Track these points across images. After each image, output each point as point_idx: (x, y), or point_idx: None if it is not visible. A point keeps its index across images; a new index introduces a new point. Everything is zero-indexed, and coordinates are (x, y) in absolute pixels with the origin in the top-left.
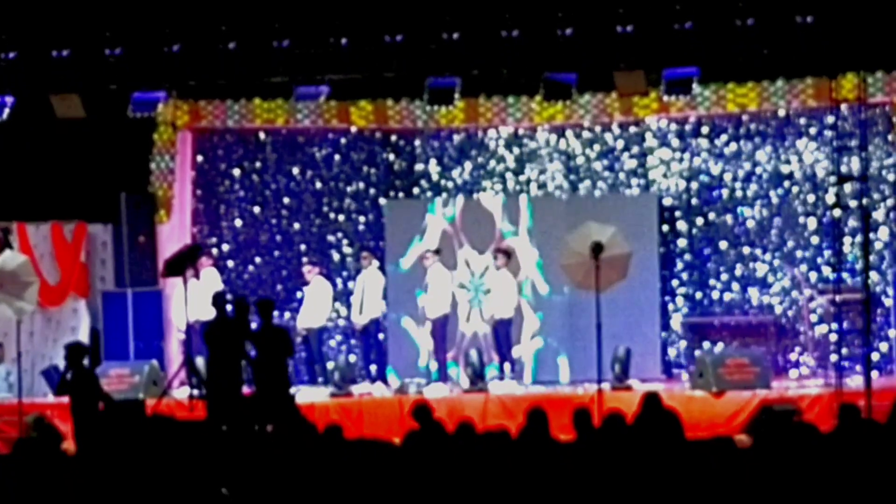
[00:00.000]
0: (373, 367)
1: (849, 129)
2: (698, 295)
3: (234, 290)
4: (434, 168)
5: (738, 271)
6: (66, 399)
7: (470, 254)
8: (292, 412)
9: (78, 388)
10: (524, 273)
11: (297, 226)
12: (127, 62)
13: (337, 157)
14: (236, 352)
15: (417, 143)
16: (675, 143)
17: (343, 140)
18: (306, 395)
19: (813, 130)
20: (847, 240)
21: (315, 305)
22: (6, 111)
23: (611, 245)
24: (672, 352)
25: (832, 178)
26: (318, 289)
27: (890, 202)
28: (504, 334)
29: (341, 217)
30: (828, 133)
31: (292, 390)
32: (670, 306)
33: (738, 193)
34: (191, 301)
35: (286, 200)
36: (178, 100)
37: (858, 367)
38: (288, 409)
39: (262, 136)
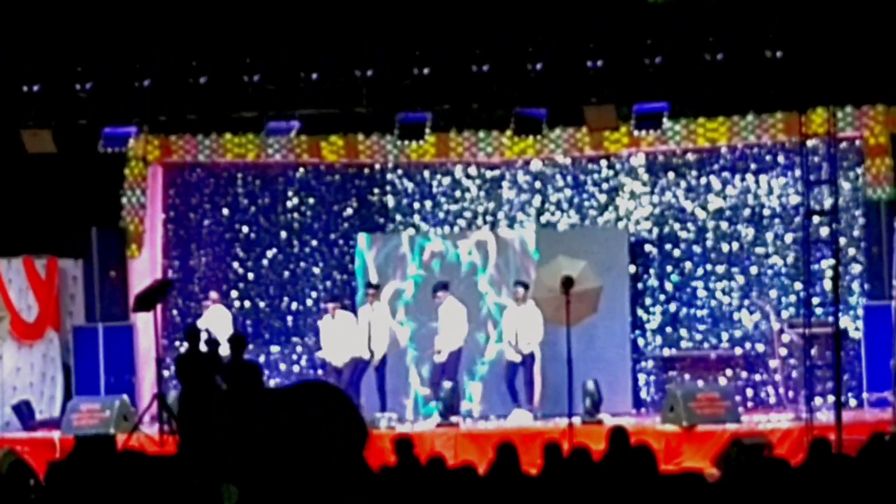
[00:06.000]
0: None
1: (819, 163)
2: (669, 329)
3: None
4: (405, 202)
5: (709, 305)
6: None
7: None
8: None
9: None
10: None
11: (267, 260)
12: (98, 97)
13: (307, 191)
14: (208, 385)
15: (389, 177)
16: (646, 177)
17: (314, 175)
18: None
19: (783, 164)
20: (817, 274)
21: (452, 327)
22: None
23: (581, 279)
24: (643, 386)
25: (802, 213)
26: (451, 311)
27: (859, 235)
28: (530, 367)
29: (312, 251)
30: (798, 168)
31: None
32: (641, 340)
33: (708, 227)
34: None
35: (256, 235)
36: (148, 135)
37: (829, 401)
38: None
39: (233, 170)
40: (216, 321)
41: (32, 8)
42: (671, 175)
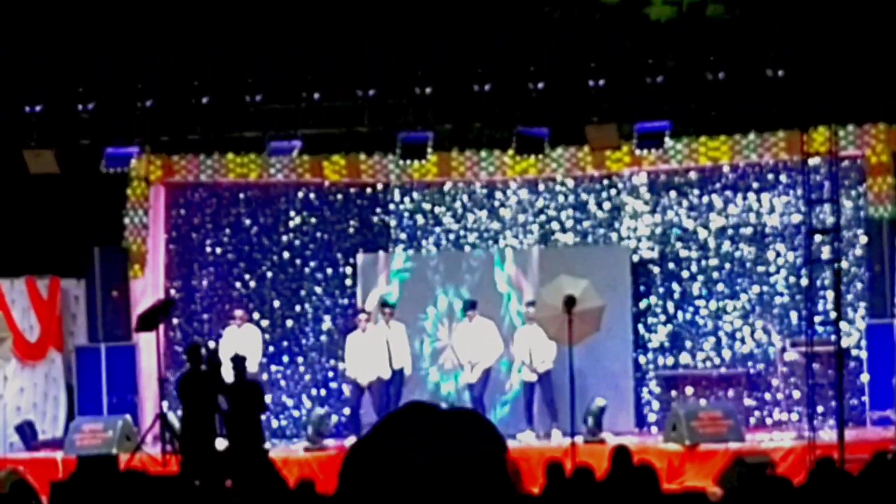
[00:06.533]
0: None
1: (820, 181)
2: (671, 348)
3: (209, 345)
4: (407, 222)
5: (711, 324)
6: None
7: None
8: (265, 466)
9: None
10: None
11: (270, 280)
12: (100, 117)
13: (310, 211)
14: (210, 405)
15: (390, 196)
16: (648, 196)
17: (316, 194)
18: (280, 449)
19: (785, 183)
20: (819, 292)
21: (486, 344)
22: None
23: (584, 298)
24: (646, 405)
25: (804, 231)
26: (482, 330)
27: (861, 254)
28: (547, 385)
29: (314, 270)
30: (799, 186)
31: (266, 445)
32: (643, 359)
33: (710, 246)
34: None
35: (259, 255)
36: (151, 155)
37: (831, 420)
38: (261, 463)
39: (235, 190)
40: (245, 340)
41: (34, 28)
42: (673, 194)
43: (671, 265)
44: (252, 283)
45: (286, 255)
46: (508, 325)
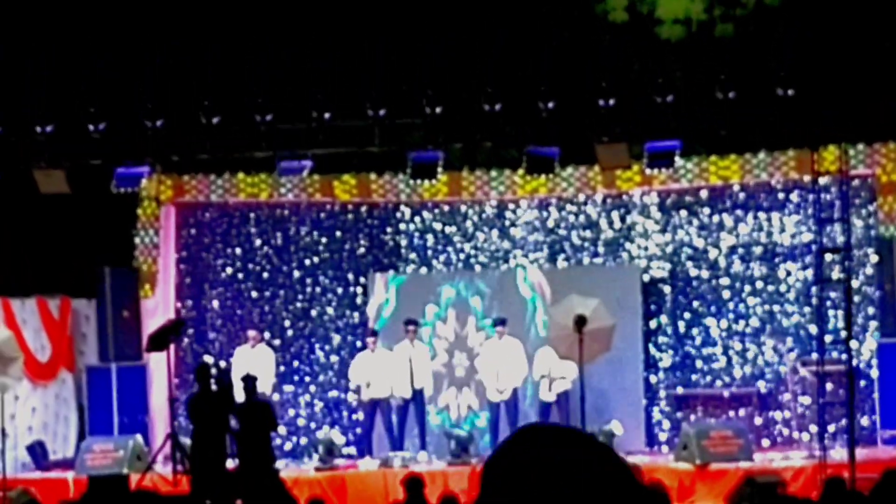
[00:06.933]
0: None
1: (831, 200)
2: (681, 367)
3: (219, 365)
4: (417, 241)
5: (721, 343)
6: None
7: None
8: (276, 486)
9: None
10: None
11: (280, 300)
12: (110, 137)
13: (320, 231)
14: (220, 425)
15: (401, 216)
16: (658, 215)
17: (326, 214)
18: (291, 469)
19: (795, 202)
20: (830, 311)
21: (514, 364)
22: None
23: (594, 317)
24: (656, 424)
25: (815, 250)
26: (511, 348)
27: (872, 273)
28: (565, 406)
29: (325, 290)
30: (810, 205)
31: (276, 464)
32: (653, 378)
33: (721, 265)
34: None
35: (270, 274)
36: (161, 174)
37: (842, 439)
38: (272, 483)
39: (245, 210)
40: (258, 360)
41: (45, 49)
42: (683, 213)
43: (681, 284)
44: (263, 303)
45: (297, 274)
46: (534, 337)
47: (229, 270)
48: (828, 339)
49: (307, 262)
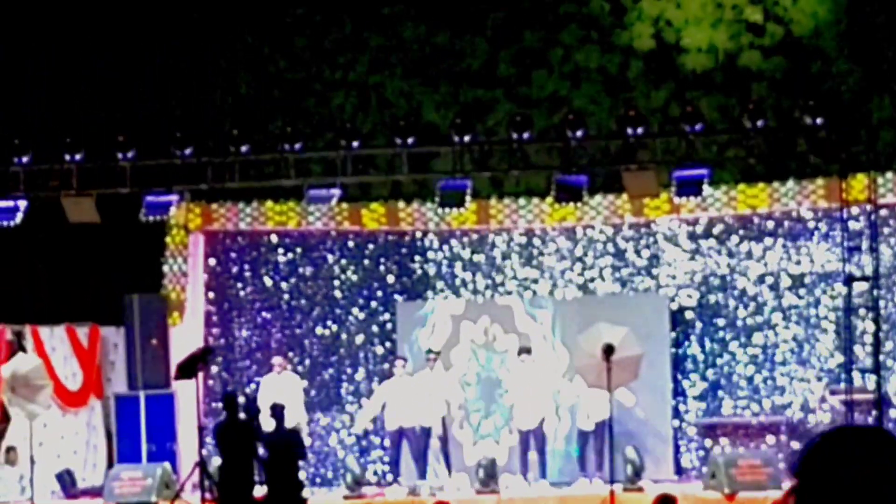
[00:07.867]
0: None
1: (859, 229)
2: (710, 396)
3: (246, 393)
4: (446, 270)
5: (750, 371)
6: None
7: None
8: None
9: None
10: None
11: (308, 328)
12: (139, 166)
13: (349, 259)
14: (248, 454)
15: (429, 244)
16: (686, 244)
17: (355, 242)
18: (319, 497)
19: (823, 231)
20: (858, 339)
21: (540, 393)
22: (19, 215)
23: (622, 346)
24: (684, 453)
25: (843, 279)
26: (536, 377)
27: None
28: (601, 434)
29: (353, 319)
30: (838, 234)
31: (304, 493)
32: (682, 407)
33: (749, 293)
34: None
35: (298, 303)
36: (190, 203)
37: None
38: None
39: (274, 238)
40: (285, 387)
41: (76, 78)
42: (712, 241)
43: (709, 313)
44: (291, 331)
45: (325, 302)
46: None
47: (258, 298)
48: (856, 367)
49: (335, 290)
